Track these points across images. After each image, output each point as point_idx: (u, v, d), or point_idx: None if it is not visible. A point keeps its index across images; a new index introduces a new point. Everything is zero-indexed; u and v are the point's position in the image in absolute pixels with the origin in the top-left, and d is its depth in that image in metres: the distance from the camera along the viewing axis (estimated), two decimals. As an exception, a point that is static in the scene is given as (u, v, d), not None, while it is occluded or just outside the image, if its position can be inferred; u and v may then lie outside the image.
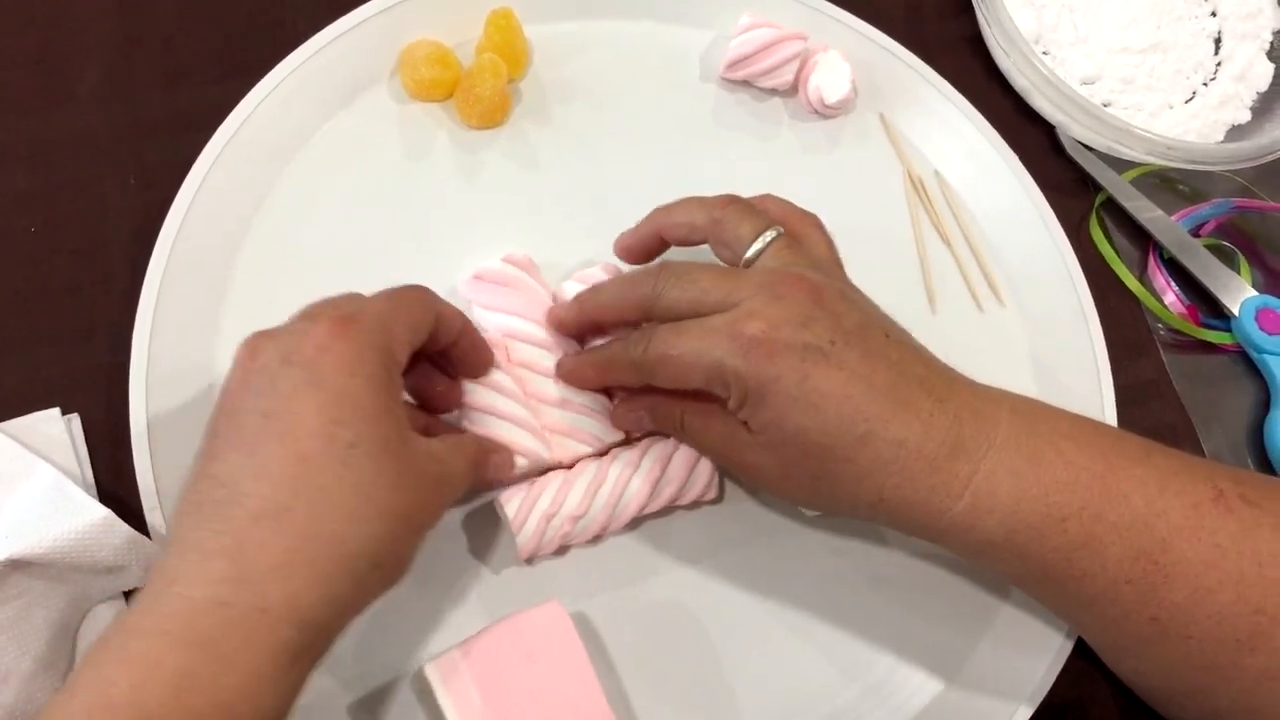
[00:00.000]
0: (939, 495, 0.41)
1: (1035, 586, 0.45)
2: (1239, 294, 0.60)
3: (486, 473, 0.47)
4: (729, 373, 0.42)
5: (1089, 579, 0.42)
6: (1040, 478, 0.42)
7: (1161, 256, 0.62)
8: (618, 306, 0.48)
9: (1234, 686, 0.43)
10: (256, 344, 0.39)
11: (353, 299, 0.42)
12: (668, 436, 0.50)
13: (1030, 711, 0.49)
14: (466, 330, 0.47)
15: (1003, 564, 0.44)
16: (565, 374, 0.50)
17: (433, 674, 0.44)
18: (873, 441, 0.41)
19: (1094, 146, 0.63)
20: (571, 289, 0.52)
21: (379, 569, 0.38)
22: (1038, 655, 0.50)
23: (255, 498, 0.36)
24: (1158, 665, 0.45)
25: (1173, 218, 0.62)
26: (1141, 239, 0.63)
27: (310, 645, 0.36)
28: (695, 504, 0.52)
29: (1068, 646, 0.50)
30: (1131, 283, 0.61)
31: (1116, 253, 0.61)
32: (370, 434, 0.38)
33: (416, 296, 0.44)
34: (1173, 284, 0.61)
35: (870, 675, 0.50)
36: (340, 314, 0.40)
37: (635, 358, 0.45)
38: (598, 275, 0.53)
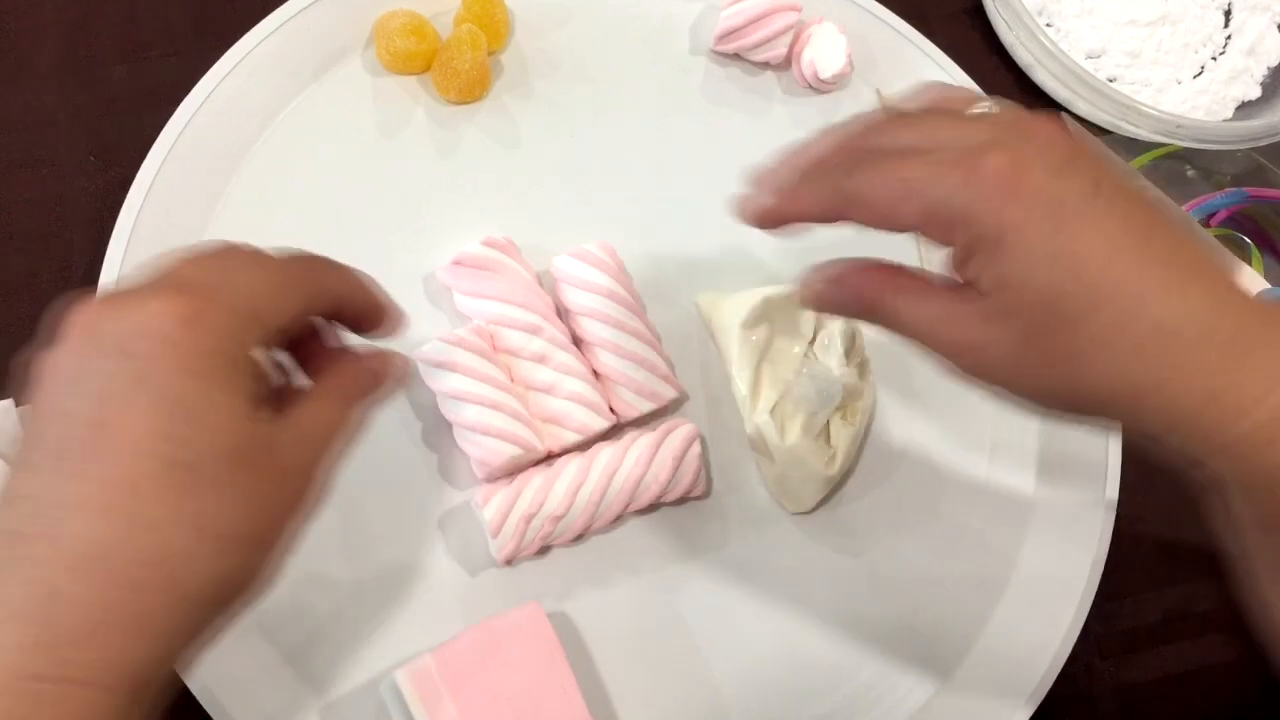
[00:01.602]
0: (1230, 397, 0.32)
1: None
2: (1252, 286, 0.58)
3: (371, 397, 0.38)
4: (958, 212, 0.33)
5: None
6: None
7: (1170, 246, 0.60)
8: (808, 193, 0.38)
9: None
10: (92, 320, 0.32)
11: (218, 261, 0.34)
12: (653, 430, 0.49)
13: (1030, 711, 0.48)
14: (357, 295, 0.38)
15: (1267, 507, 0.34)
16: (748, 206, 0.39)
17: (404, 681, 0.42)
18: (1140, 320, 0.32)
19: (1099, 124, 0.61)
20: (564, 265, 0.51)
21: (224, 604, 0.32)
22: (1035, 654, 0.49)
23: (71, 537, 0.29)
24: None
25: (1183, 207, 0.60)
26: (1151, 228, 0.60)
27: (143, 705, 0.30)
28: (681, 500, 0.50)
29: (1066, 647, 0.49)
30: None
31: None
32: (214, 449, 0.31)
33: (297, 275, 0.36)
34: (1184, 274, 0.59)
35: (860, 677, 0.49)
36: (194, 291, 0.32)
37: (840, 182, 0.36)
38: (595, 253, 0.51)
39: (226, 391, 0.32)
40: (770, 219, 0.39)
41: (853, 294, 0.39)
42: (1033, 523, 0.52)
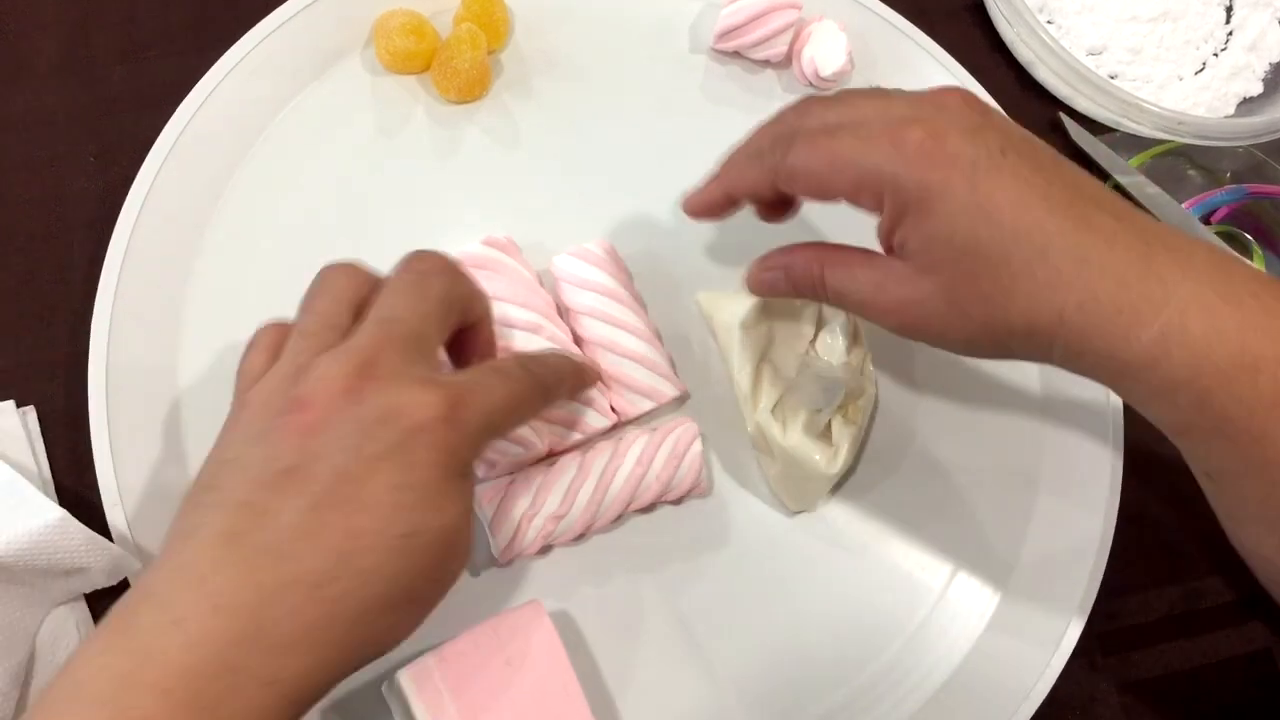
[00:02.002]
0: (1126, 318, 0.37)
1: (1202, 443, 0.40)
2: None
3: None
4: (886, 180, 0.38)
5: (1268, 441, 0.37)
6: (1238, 319, 0.37)
7: (1171, 244, 0.59)
8: (750, 168, 0.44)
9: None
10: (358, 385, 0.36)
11: (477, 374, 0.40)
12: (654, 429, 0.49)
13: (1032, 710, 0.47)
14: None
15: (1176, 413, 0.39)
16: (691, 198, 0.46)
17: (406, 680, 0.42)
18: (1052, 254, 0.37)
19: (1100, 120, 0.61)
20: (564, 264, 0.51)
21: (384, 649, 0.36)
22: (1037, 652, 0.49)
23: (294, 559, 0.33)
24: None
25: (1184, 205, 0.59)
26: (1153, 227, 0.60)
27: (300, 713, 0.34)
28: (683, 499, 0.50)
29: (1069, 645, 0.49)
30: None
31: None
32: (429, 527, 0.35)
33: (536, 392, 0.41)
34: (1184, 273, 0.58)
35: (863, 675, 0.49)
36: (455, 392, 0.37)
37: (775, 161, 0.41)
38: (595, 252, 0.51)
39: (460, 489, 0.37)
40: (715, 203, 0.45)
41: (793, 273, 0.44)
42: (1035, 519, 0.52)
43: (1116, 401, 0.53)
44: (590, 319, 0.50)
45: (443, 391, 0.36)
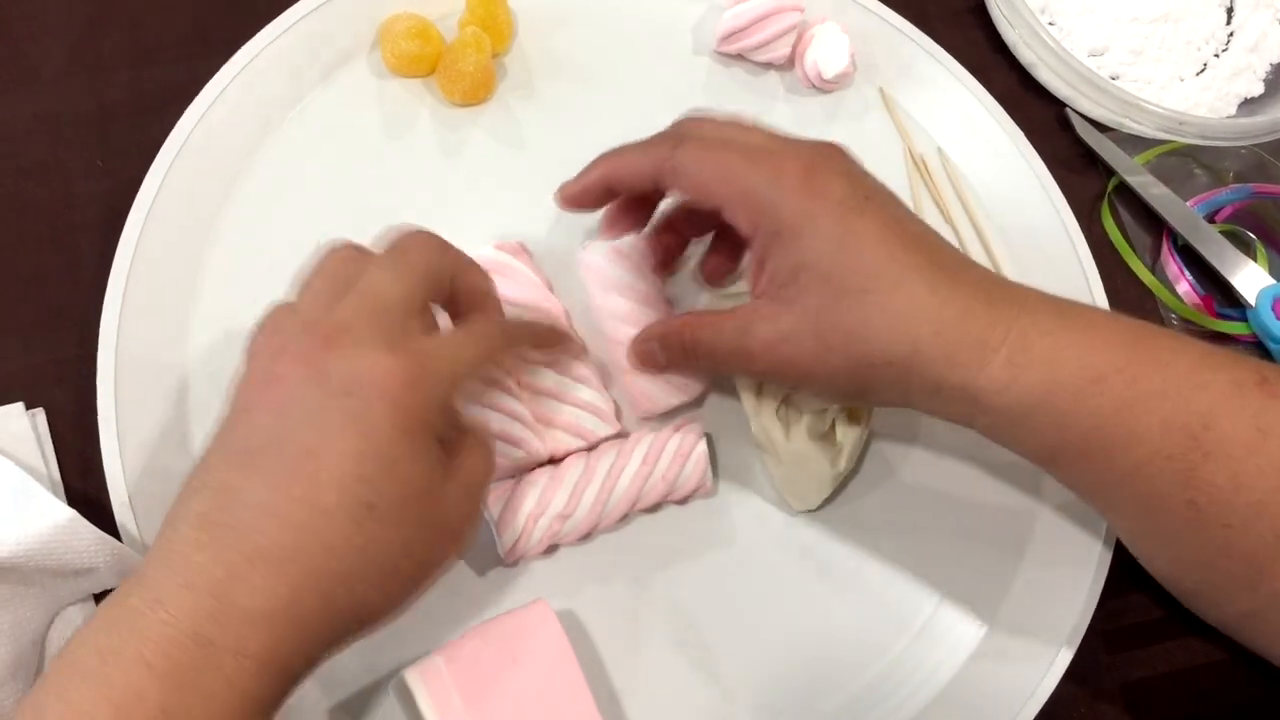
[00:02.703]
0: (974, 346, 0.40)
1: (1072, 463, 0.43)
2: (1256, 283, 0.58)
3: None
4: (764, 202, 0.42)
5: (1126, 449, 0.40)
6: (1075, 339, 0.41)
7: (1175, 244, 0.60)
8: (637, 156, 0.46)
9: (1274, 585, 0.41)
10: (324, 358, 0.37)
11: (452, 334, 0.42)
12: (658, 430, 0.49)
13: (1035, 710, 0.48)
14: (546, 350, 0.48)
15: (1039, 436, 0.42)
16: (566, 187, 0.48)
17: (413, 679, 0.42)
18: (907, 286, 0.40)
19: (1103, 121, 0.61)
20: (594, 260, 0.51)
21: (365, 624, 0.37)
22: (1041, 650, 0.49)
23: (260, 534, 0.35)
24: (1195, 557, 0.43)
25: (1188, 203, 0.59)
26: (1154, 225, 0.60)
27: (282, 693, 0.35)
28: (688, 499, 0.50)
29: (1073, 643, 0.49)
30: (1144, 275, 0.59)
31: (1128, 242, 0.59)
32: (392, 497, 0.36)
33: (499, 343, 0.43)
34: (1186, 272, 0.59)
35: (867, 674, 0.49)
36: (415, 356, 0.38)
37: (664, 155, 0.44)
38: (627, 251, 0.52)
39: (422, 453, 0.37)
40: (592, 191, 0.47)
41: (667, 342, 0.47)
42: (1039, 518, 0.52)
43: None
44: (618, 323, 0.50)
45: (404, 355, 0.37)
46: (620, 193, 0.48)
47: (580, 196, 0.48)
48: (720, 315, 0.45)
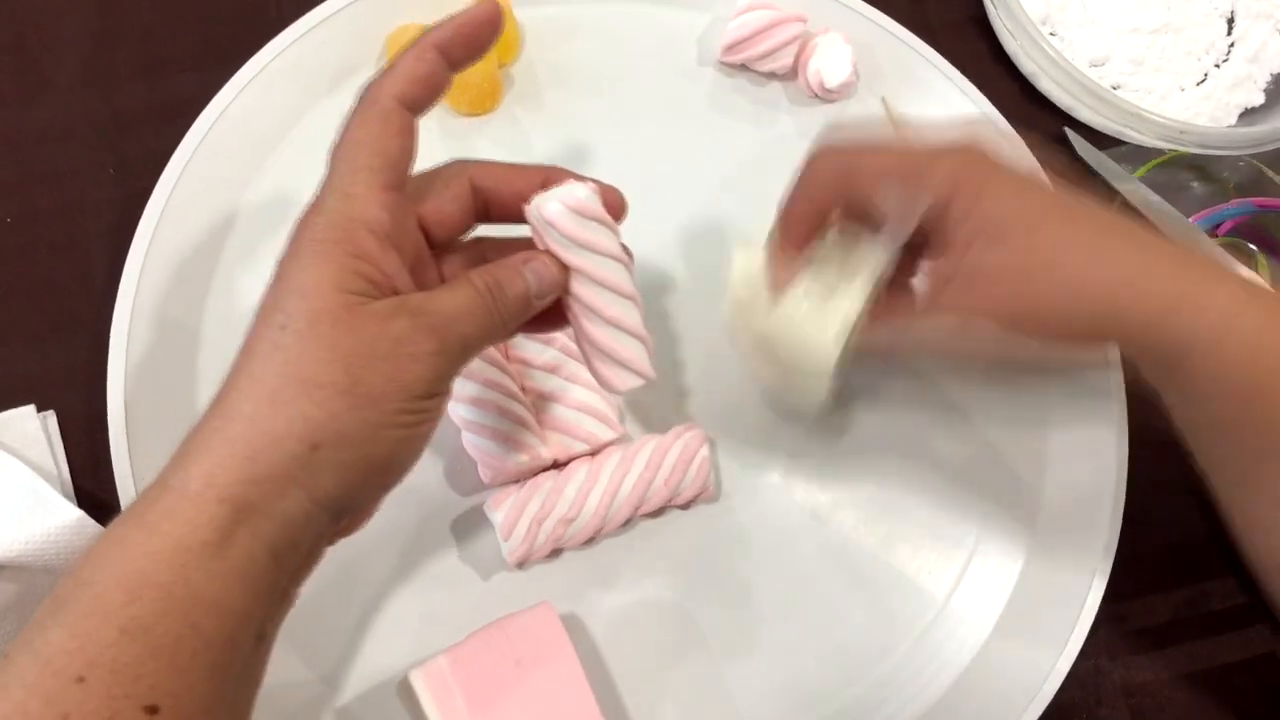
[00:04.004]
0: (1188, 300, 0.41)
1: (1255, 435, 0.42)
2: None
3: (513, 290, 0.40)
4: (942, 178, 0.43)
5: None
6: (1276, 311, 0.41)
7: (1179, 260, 0.60)
8: (815, 194, 0.46)
9: None
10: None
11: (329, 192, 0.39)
12: (663, 433, 0.49)
13: (1038, 712, 0.48)
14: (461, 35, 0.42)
15: (1233, 405, 0.42)
16: (785, 210, 0.47)
17: (417, 681, 0.43)
18: (1117, 231, 0.43)
19: (1104, 130, 0.61)
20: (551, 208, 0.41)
21: (319, 449, 0.35)
22: (1045, 654, 0.49)
23: (219, 389, 0.36)
24: None
25: (1190, 219, 0.60)
26: (1158, 243, 0.61)
27: (243, 524, 0.34)
28: (690, 503, 0.50)
29: (1074, 648, 0.49)
30: None
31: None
32: (300, 311, 0.36)
33: (391, 124, 0.40)
34: (1190, 287, 0.59)
35: (871, 676, 0.49)
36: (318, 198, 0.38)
37: (847, 161, 0.45)
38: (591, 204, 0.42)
39: (320, 262, 0.36)
40: (807, 218, 0.46)
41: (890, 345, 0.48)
42: (1040, 523, 0.52)
43: (1122, 410, 0.53)
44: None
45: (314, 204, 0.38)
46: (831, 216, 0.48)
47: (800, 230, 0.47)
48: (909, 301, 0.47)
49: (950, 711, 0.49)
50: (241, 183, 0.54)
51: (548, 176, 0.43)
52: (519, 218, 0.42)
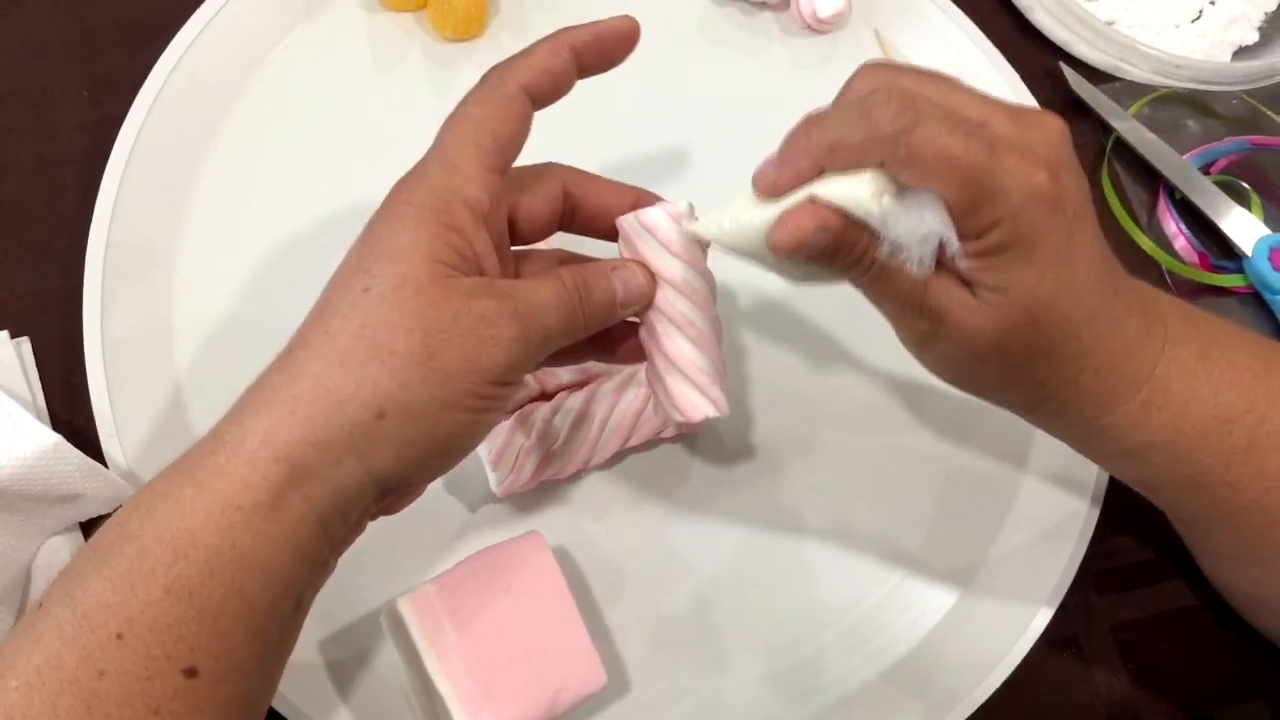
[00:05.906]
0: (1124, 385, 0.38)
1: (1180, 495, 0.42)
2: (1252, 233, 0.57)
3: (600, 293, 0.38)
4: (1008, 209, 0.34)
5: (1242, 486, 0.40)
6: (1210, 376, 0.39)
7: (1172, 198, 0.59)
8: (853, 134, 0.35)
9: None
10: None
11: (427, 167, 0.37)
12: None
13: (1026, 648, 0.48)
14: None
15: (1152, 469, 0.41)
16: (766, 176, 0.37)
17: (405, 608, 0.42)
18: (1099, 318, 0.37)
19: (1098, 66, 0.60)
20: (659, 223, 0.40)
21: (384, 418, 0.34)
22: (1031, 592, 0.49)
23: (287, 346, 0.35)
24: None
25: (1184, 156, 0.59)
26: (1151, 182, 0.60)
27: (297, 488, 0.33)
28: (679, 436, 0.50)
29: (1064, 585, 0.49)
30: (1143, 241, 0.58)
31: (1128, 201, 0.59)
32: (386, 274, 0.34)
33: (502, 113, 0.38)
34: (1183, 227, 0.58)
35: (853, 613, 0.49)
36: (415, 172, 0.37)
37: (896, 130, 0.34)
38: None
39: (412, 229, 0.35)
40: (805, 178, 0.37)
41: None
42: (1031, 461, 0.52)
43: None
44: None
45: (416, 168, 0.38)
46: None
47: (788, 186, 0.37)
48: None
49: (951, 635, 0.49)
50: (220, 106, 0.52)
51: (639, 197, 0.42)
52: (600, 232, 0.42)
